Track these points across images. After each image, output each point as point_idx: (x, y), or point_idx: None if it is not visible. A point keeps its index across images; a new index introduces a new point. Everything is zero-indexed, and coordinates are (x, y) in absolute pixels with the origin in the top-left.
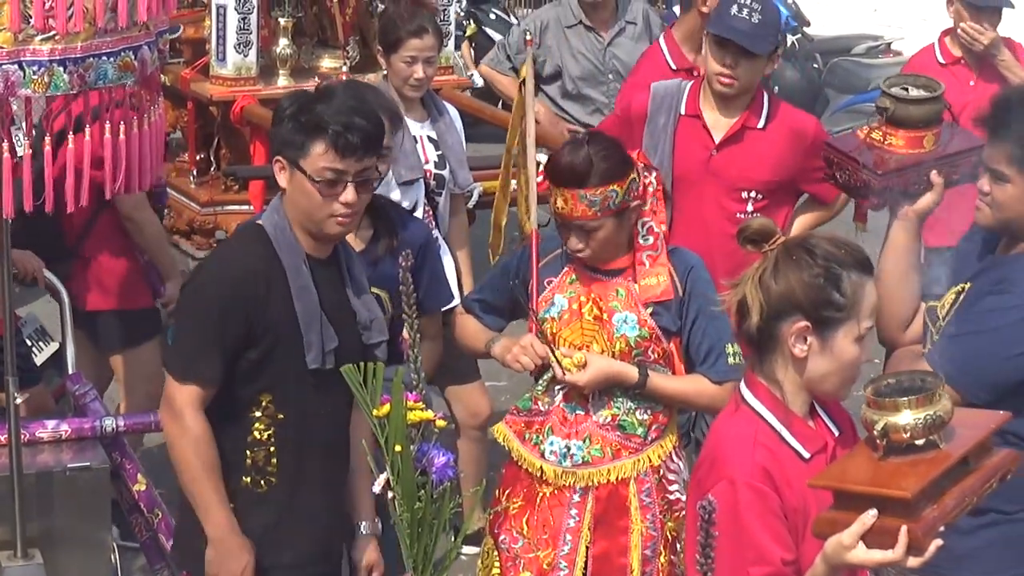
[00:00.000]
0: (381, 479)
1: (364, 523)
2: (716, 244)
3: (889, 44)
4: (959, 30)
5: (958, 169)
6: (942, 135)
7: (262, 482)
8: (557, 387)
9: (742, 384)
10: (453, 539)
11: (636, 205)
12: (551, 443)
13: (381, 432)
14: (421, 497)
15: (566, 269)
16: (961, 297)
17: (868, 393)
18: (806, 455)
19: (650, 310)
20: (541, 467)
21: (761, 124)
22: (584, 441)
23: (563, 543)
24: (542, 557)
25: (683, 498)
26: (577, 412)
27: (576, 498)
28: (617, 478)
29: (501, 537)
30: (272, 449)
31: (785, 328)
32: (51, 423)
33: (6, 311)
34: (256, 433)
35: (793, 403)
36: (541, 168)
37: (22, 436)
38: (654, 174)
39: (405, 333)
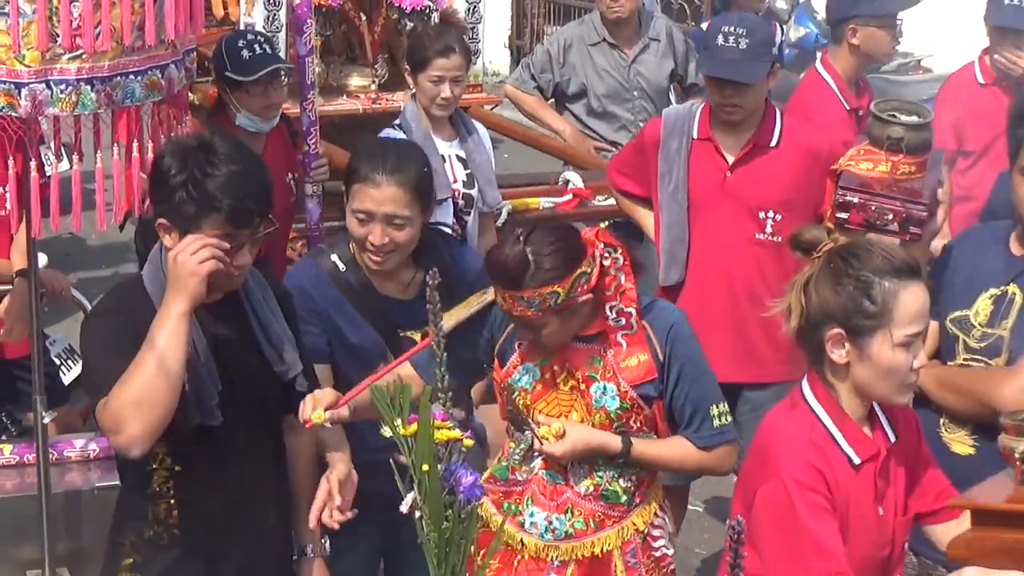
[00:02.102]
0: (409, 499)
1: (308, 545)
2: (734, 266)
3: (919, 61)
4: (995, 58)
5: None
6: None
7: (165, 535)
8: (535, 454)
9: (804, 382)
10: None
11: (584, 300)
12: (531, 515)
13: (408, 451)
14: (448, 517)
15: None
16: (1018, 298)
17: (1006, 421)
18: (856, 461)
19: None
20: (521, 539)
21: (774, 142)
22: (566, 514)
23: None
24: None
25: (670, 553)
26: (557, 482)
27: (556, 563)
28: (601, 550)
29: None
30: (171, 502)
31: (823, 335)
32: (79, 442)
33: (34, 330)
34: (156, 486)
35: (848, 407)
36: (570, 187)
37: (50, 455)
38: (619, 251)
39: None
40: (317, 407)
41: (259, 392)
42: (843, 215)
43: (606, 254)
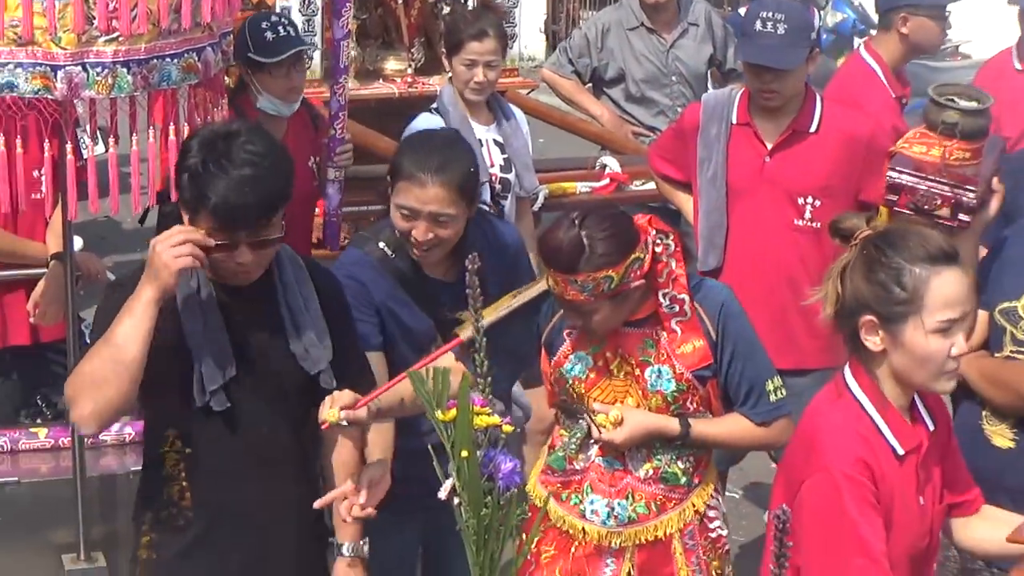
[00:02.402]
0: (447, 485)
1: (345, 544)
2: (773, 252)
3: (957, 47)
4: None
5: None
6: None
7: (179, 517)
8: (592, 442)
9: (847, 370)
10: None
11: (636, 286)
12: (592, 502)
13: (447, 437)
14: (487, 503)
15: None
16: None
17: None
18: (900, 452)
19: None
20: (583, 528)
21: (813, 128)
22: (627, 499)
23: None
24: None
25: (724, 534)
26: (615, 468)
27: (615, 548)
28: (664, 533)
29: None
30: (183, 484)
31: (858, 322)
32: (114, 426)
33: (69, 313)
34: (168, 468)
35: (891, 395)
36: (607, 171)
37: (85, 439)
38: (671, 237)
39: (466, 334)
40: (334, 407)
41: (281, 384)
42: (893, 197)
43: (658, 240)
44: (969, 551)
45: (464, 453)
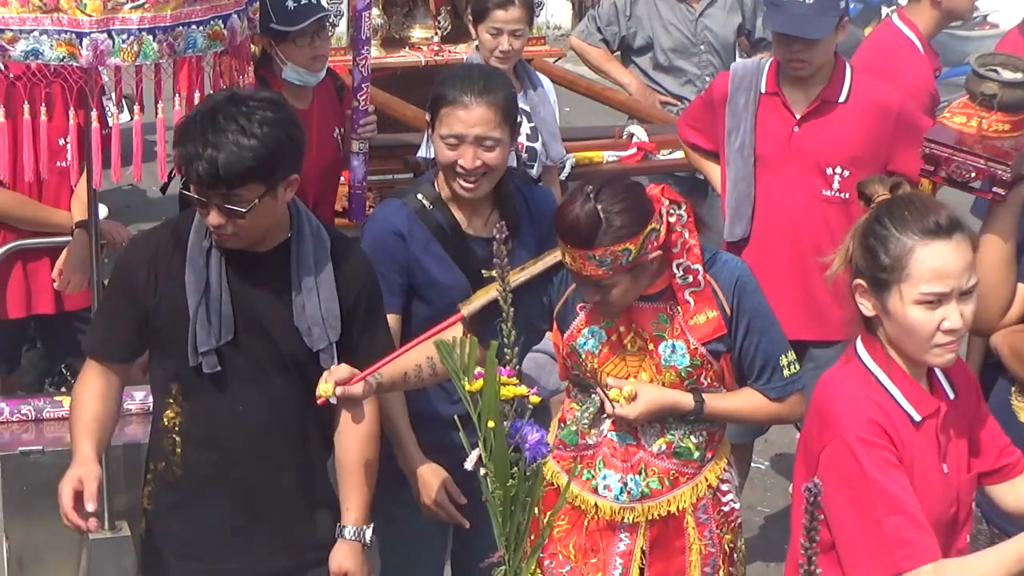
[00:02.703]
0: (473, 455)
1: (347, 527)
2: (800, 223)
3: (985, 16)
4: None
5: None
6: None
7: (173, 470)
8: (604, 417)
9: (858, 339)
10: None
11: (653, 257)
12: (604, 477)
13: (474, 408)
14: (514, 474)
15: None
16: None
17: None
18: (917, 418)
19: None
20: (596, 503)
21: (843, 98)
22: (640, 474)
23: (613, 567)
24: None
25: (737, 507)
26: (628, 443)
27: (628, 523)
28: (677, 508)
29: (547, 562)
30: (176, 439)
31: (853, 285)
32: (139, 395)
33: (94, 281)
34: (166, 420)
35: (900, 361)
36: (635, 140)
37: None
38: (683, 207)
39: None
40: (328, 381)
41: (282, 355)
42: (930, 168)
43: (672, 211)
44: (1019, 515)
45: (491, 424)
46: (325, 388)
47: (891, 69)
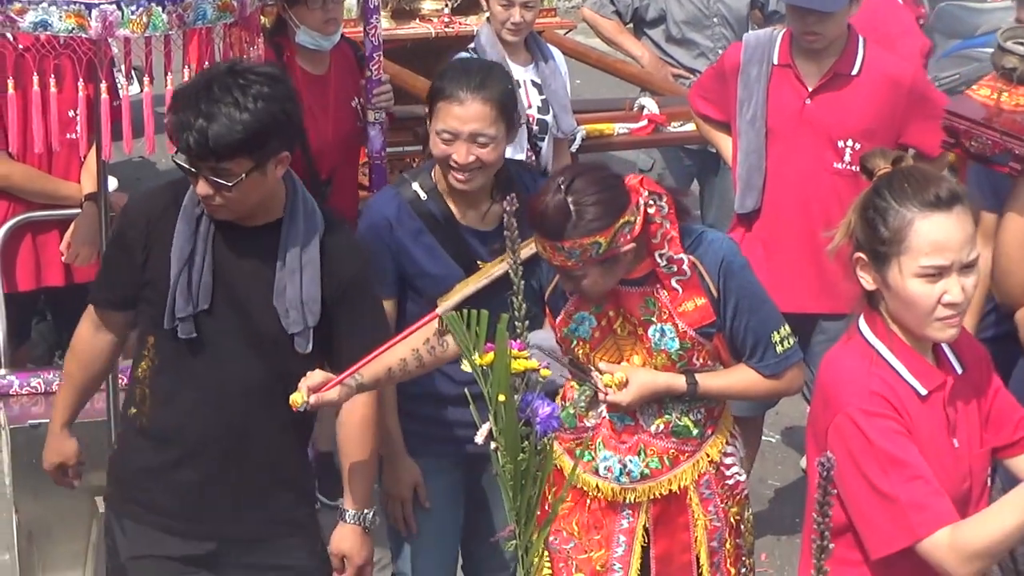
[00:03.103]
0: (484, 429)
1: (348, 511)
2: (811, 196)
3: None
4: None
5: None
6: None
7: (142, 419)
8: (600, 401)
9: (860, 316)
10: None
11: (626, 250)
12: (604, 458)
13: (484, 381)
14: (524, 448)
15: None
16: None
17: None
18: (923, 392)
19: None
20: (597, 485)
21: (855, 71)
22: (639, 455)
23: (617, 544)
24: (595, 559)
25: (742, 479)
26: (627, 423)
27: (631, 502)
28: (678, 487)
29: (551, 539)
30: (146, 391)
31: (854, 258)
32: None
33: (103, 253)
34: (139, 370)
35: (903, 335)
36: (646, 112)
37: (119, 380)
38: (664, 199)
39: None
40: (301, 389)
41: (258, 331)
42: (950, 140)
43: (651, 202)
44: None
45: (501, 397)
46: (297, 396)
47: (877, 28)
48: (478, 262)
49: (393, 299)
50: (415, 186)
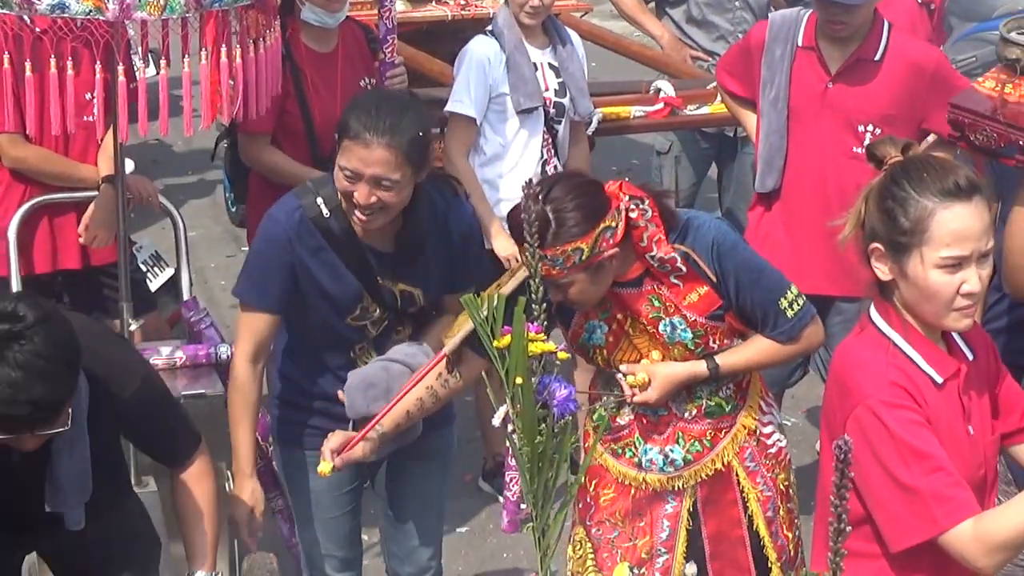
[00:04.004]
0: (501, 411)
1: (199, 572)
2: (830, 179)
3: None
4: None
5: None
6: None
7: None
8: (627, 403)
9: (871, 305)
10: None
11: (610, 255)
12: (645, 452)
13: (502, 364)
14: (542, 431)
15: None
16: None
17: None
18: (939, 380)
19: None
20: (644, 478)
21: (878, 56)
22: (678, 442)
23: (661, 529)
24: (640, 546)
25: (783, 444)
26: (660, 414)
27: (677, 488)
28: (723, 463)
29: (594, 529)
30: None
31: (869, 248)
32: (165, 349)
33: (122, 236)
34: None
35: (916, 324)
36: (662, 95)
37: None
38: (646, 202)
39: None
40: (324, 457)
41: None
42: (956, 133)
43: (632, 206)
44: None
45: (518, 380)
46: (325, 465)
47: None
48: (379, 279)
49: (272, 314)
50: (319, 200)
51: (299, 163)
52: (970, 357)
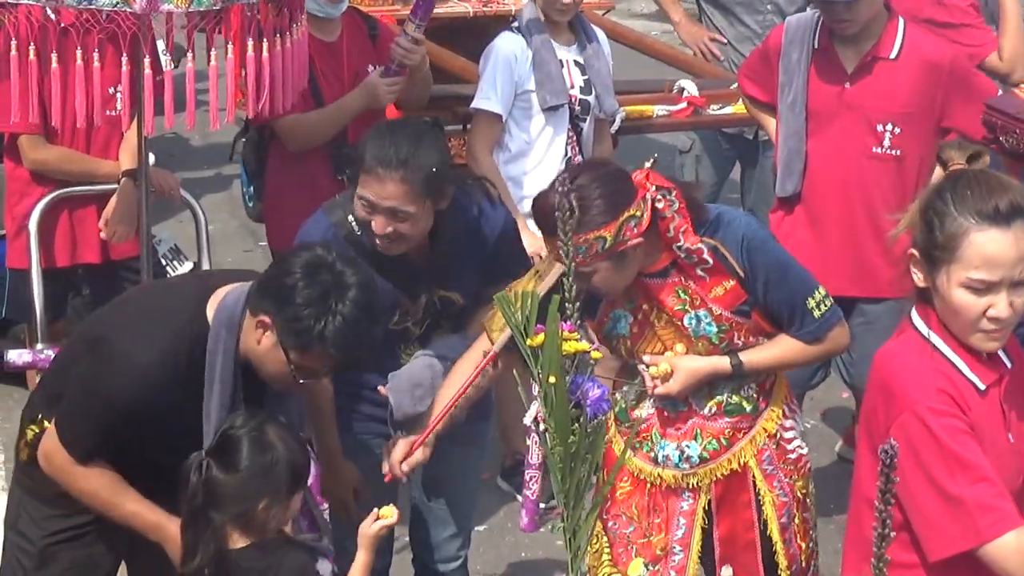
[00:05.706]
0: (532, 410)
1: None
2: (851, 179)
3: None
4: None
5: None
6: None
7: None
8: (649, 395)
9: (913, 310)
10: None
11: (634, 244)
12: (662, 447)
13: (535, 362)
14: (575, 431)
15: None
16: None
17: None
18: (982, 387)
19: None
20: (659, 474)
21: (893, 54)
22: (696, 439)
23: (677, 527)
24: (655, 542)
25: (804, 452)
26: (679, 409)
27: (692, 485)
28: (739, 464)
29: (610, 523)
30: None
31: (909, 252)
32: None
33: (144, 229)
34: None
35: (956, 332)
36: (685, 94)
37: None
38: (673, 193)
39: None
40: (393, 469)
41: None
42: (990, 136)
43: (659, 197)
44: None
45: (552, 379)
46: (387, 511)
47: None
48: (436, 293)
49: None
50: (350, 218)
51: None
52: (1008, 365)
